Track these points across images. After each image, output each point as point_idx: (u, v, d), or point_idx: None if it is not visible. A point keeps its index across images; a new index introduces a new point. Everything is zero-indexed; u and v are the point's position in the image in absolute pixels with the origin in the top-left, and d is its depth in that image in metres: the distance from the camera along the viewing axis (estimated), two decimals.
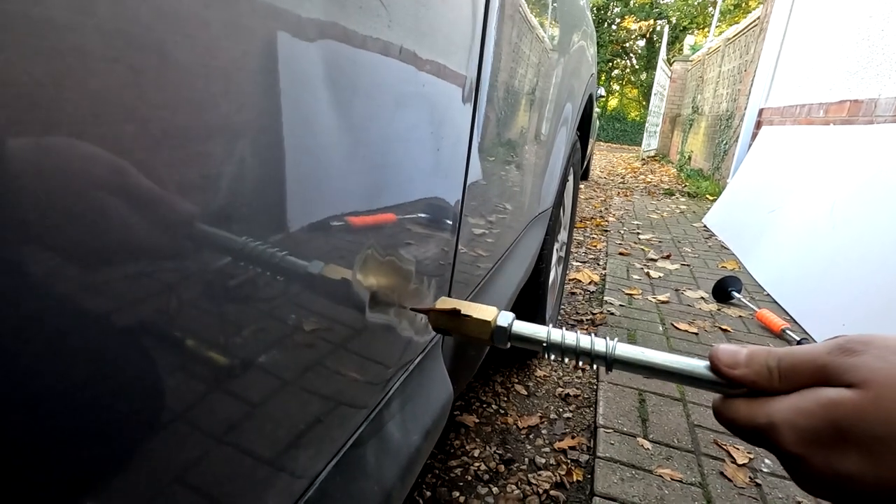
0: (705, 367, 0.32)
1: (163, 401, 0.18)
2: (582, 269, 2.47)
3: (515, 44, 0.59)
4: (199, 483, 0.22)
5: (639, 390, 1.37)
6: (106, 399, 0.16)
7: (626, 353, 0.33)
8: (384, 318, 0.36)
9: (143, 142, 0.15)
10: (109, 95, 0.14)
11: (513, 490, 1.01)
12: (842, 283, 1.83)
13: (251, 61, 0.19)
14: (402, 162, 0.35)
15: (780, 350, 0.29)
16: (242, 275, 0.21)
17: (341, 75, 0.25)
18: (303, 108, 0.23)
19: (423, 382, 0.45)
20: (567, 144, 1.30)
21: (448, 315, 0.36)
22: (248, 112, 0.19)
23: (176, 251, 0.17)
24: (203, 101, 0.17)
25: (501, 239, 0.74)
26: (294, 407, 0.28)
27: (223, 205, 0.19)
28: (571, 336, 0.35)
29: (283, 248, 0.23)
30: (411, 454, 0.39)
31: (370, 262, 0.32)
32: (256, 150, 0.20)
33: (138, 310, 0.16)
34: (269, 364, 0.25)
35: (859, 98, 2.71)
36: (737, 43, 5.94)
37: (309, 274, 0.27)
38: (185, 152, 0.17)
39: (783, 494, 1.03)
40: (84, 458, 0.16)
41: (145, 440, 0.18)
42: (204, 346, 0.20)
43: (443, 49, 0.36)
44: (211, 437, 0.21)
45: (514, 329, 0.36)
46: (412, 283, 0.39)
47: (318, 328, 0.29)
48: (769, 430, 0.27)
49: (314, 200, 0.26)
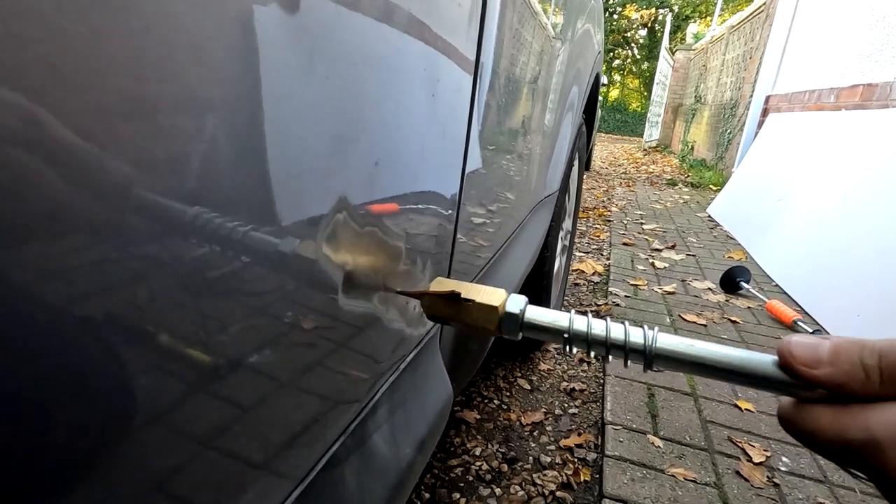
0: (772, 363, 0.25)
1: (111, 399, 0.15)
2: (585, 259, 2.41)
3: (518, 20, 0.51)
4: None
5: (647, 385, 1.31)
6: (67, 398, 0.14)
7: (671, 345, 0.26)
8: (365, 305, 0.29)
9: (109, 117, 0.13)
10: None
11: (517, 491, 0.95)
12: (856, 273, 1.76)
13: (232, 37, 0.16)
14: (399, 138, 0.28)
15: (879, 343, 0.22)
16: (200, 255, 0.17)
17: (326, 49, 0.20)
18: (292, 91, 0.20)
19: (418, 383, 0.38)
20: (573, 127, 1.23)
21: (445, 300, 0.29)
22: (237, 95, 0.17)
23: (140, 235, 0.15)
24: (172, 69, 0.14)
25: (506, 221, 0.67)
26: (248, 419, 0.21)
27: (194, 185, 0.16)
28: (600, 325, 0.28)
29: (242, 221, 0.18)
30: (401, 472, 0.32)
31: (344, 233, 0.25)
32: (237, 131, 0.18)
33: (93, 298, 0.14)
34: (217, 362, 0.18)
35: (873, 82, 2.62)
36: (741, 30, 5.82)
37: (280, 253, 0.20)
38: (148, 125, 0.14)
39: (803, 495, 0.97)
40: (56, 462, 0.14)
41: (104, 440, 0.15)
42: (145, 336, 0.15)
43: (441, 24, 0.30)
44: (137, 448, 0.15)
45: (527, 317, 0.29)
46: (401, 262, 0.31)
47: (282, 317, 0.22)
48: (868, 447, 0.21)
49: (294, 179, 0.20)
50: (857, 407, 0.22)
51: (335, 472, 0.27)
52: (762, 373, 0.25)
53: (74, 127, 0.12)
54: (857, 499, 0.96)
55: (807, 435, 0.24)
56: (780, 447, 1.10)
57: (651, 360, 0.26)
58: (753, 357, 0.25)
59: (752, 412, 1.22)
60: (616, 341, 0.27)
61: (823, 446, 0.23)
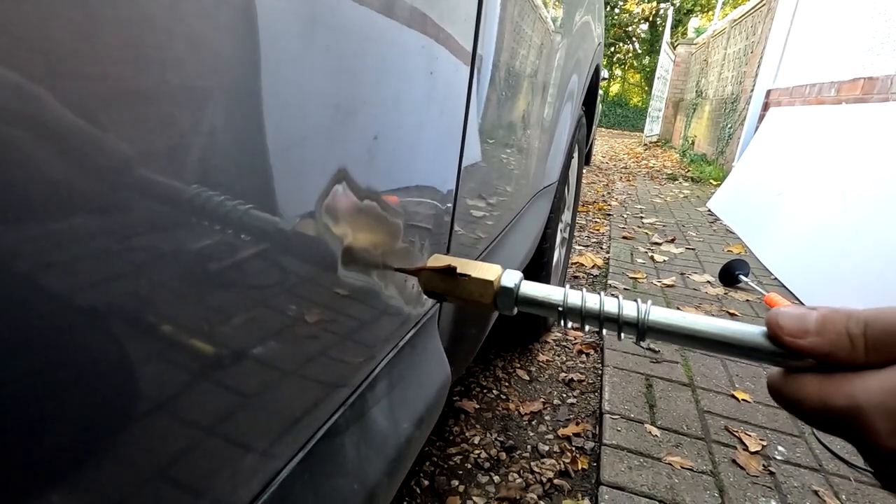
0: (761, 334, 0.25)
1: (90, 383, 0.15)
2: (585, 252, 2.41)
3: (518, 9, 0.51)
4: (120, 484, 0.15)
5: (645, 375, 1.31)
6: (56, 387, 0.14)
7: (663, 318, 0.27)
8: (364, 281, 0.29)
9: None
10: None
11: (515, 478, 0.96)
12: (854, 265, 1.77)
13: (234, 41, 0.17)
14: (399, 117, 0.28)
15: (864, 312, 0.23)
16: (195, 236, 0.17)
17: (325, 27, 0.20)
18: (292, 78, 0.20)
19: (416, 362, 0.39)
20: (573, 117, 1.23)
21: (442, 275, 0.29)
22: (239, 87, 0.17)
23: (141, 215, 0.15)
24: (172, 56, 0.15)
25: (505, 208, 0.67)
26: (248, 387, 0.21)
27: (194, 160, 0.16)
28: (593, 298, 0.28)
29: (248, 206, 0.19)
30: (400, 445, 0.32)
31: (342, 206, 0.25)
32: (238, 105, 0.18)
33: (96, 286, 0.14)
34: (214, 334, 0.18)
35: (874, 75, 2.61)
36: (743, 24, 5.79)
37: (278, 231, 0.20)
38: (147, 104, 0.14)
39: (798, 483, 0.98)
40: (42, 452, 0.14)
41: (86, 427, 0.15)
42: (140, 316, 0.15)
43: (437, 8, 0.30)
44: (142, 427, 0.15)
45: (522, 291, 0.29)
46: (399, 239, 0.32)
47: (284, 292, 0.22)
48: (852, 414, 0.21)
49: (294, 151, 0.20)
50: (842, 375, 0.22)
51: (335, 441, 0.27)
52: (751, 343, 0.25)
53: (75, 113, 0.12)
54: (851, 487, 0.97)
55: (793, 403, 0.24)
56: (776, 436, 1.11)
57: (644, 332, 0.27)
58: (744, 328, 0.26)
59: (748, 402, 1.23)
60: (610, 314, 0.28)
61: (810, 414, 0.23)
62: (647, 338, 0.27)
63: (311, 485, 0.25)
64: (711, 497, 0.92)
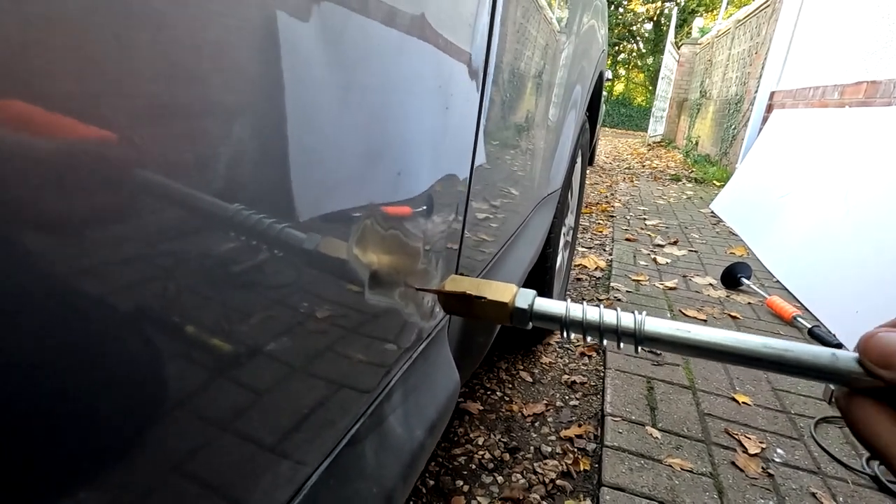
0: (762, 344, 0.26)
1: (122, 390, 0.16)
2: (588, 254, 2.43)
3: (524, 16, 0.53)
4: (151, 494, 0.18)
5: (647, 378, 1.34)
6: (76, 392, 0.14)
7: (656, 328, 0.29)
8: (385, 300, 0.31)
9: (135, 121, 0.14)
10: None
11: (518, 479, 0.99)
12: (856, 269, 1.78)
13: (249, 37, 0.17)
14: (407, 135, 0.30)
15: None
16: (225, 250, 0.18)
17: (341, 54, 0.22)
18: (305, 90, 0.21)
19: (428, 371, 0.41)
20: (576, 126, 1.25)
21: (459, 298, 0.32)
22: (250, 94, 0.18)
23: (155, 227, 0.16)
24: (191, 71, 0.15)
25: (510, 220, 0.69)
26: (282, 401, 0.24)
27: (211, 179, 0.17)
28: (593, 312, 0.30)
29: (272, 221, 0.20)
30: (414, 451, 0.35)
31: (369, 236, 0.27)
32: (255, 132, 0.19)
33: (108, 292, 0.15)
34: (252, 352, 0.21)
35: (877, 79, 2.62)
36: (747, 25, 5.78)
37: (303, 251, 0.22)
38: (172, 127, 0.15)
39: (796, 485, 1.00)
40: (59, 453, 0.14)
41: (106, 434, 0.16)
42: (170, 326, 0.17)
43: (448, 24, 0.32)
44: (179, 437, 0.18)
45: (536, 308, 0.32)
46: (418, 260, 0.34)
47: (312, 312, 0.24)
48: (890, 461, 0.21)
49: (311, 176, 0.22)
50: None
51: (356, 449, 0.30)
52: (751, 353, 0.27)
53: (105, 126, 0.13)
54: (849, 489, 0.99)
55: (848, 424, 0.24)
56: (775, 439, 1.13)
57: (640, 340, 0.29)
58: (745, 338, 0.27)
59: (748, 405, 1.25)
60: (608, 326, 0.30)
61: (859, 439, 0.23)
62: (644, 346, 0.29)
63: (336, 489, 0.28)
64: (711, 498, 0.94)
